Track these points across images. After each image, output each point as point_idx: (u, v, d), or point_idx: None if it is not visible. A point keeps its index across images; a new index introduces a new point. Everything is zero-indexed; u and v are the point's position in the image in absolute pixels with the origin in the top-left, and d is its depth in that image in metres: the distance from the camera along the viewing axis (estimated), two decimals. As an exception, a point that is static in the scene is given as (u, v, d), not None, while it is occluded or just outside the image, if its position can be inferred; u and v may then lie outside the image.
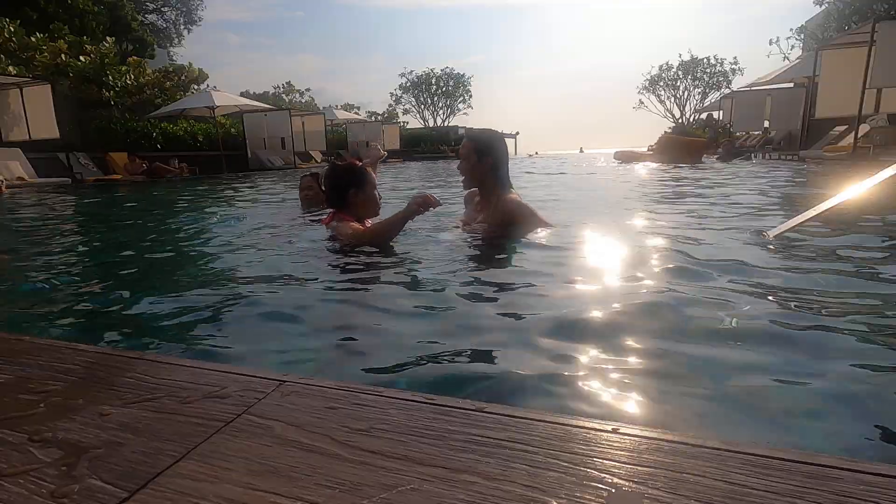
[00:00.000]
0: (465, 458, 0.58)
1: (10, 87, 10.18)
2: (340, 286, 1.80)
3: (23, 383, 0.83)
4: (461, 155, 2.51)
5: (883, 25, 8.07)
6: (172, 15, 34.25)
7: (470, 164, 2.47)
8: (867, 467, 0.53)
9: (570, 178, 8.33)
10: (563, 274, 1.80)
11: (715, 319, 1.31)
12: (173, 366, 0.88)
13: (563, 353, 1.12)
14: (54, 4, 17.59)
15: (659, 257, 2.00)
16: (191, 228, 3.72)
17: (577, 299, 1.56)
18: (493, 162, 2.44)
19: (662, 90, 41.81)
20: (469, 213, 2.68)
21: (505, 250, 2.21)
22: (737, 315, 1.32)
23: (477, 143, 2.47)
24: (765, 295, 1.49)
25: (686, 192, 4.79)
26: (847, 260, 1.98)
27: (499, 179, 2.47)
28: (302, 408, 0.71)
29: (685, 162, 10.02)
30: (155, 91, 14.21)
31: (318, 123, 18.01)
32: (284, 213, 3.92)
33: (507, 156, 2.54)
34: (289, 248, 2.56)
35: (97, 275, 2.24)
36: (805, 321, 1.30)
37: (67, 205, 6.26)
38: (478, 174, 2.47)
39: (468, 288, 1.69)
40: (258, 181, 9.58)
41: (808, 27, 26.17)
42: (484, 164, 2.44)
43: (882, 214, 2.78)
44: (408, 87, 45.62)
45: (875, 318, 1.33)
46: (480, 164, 2.44)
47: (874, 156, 7.99)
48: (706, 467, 0.54)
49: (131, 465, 0.59)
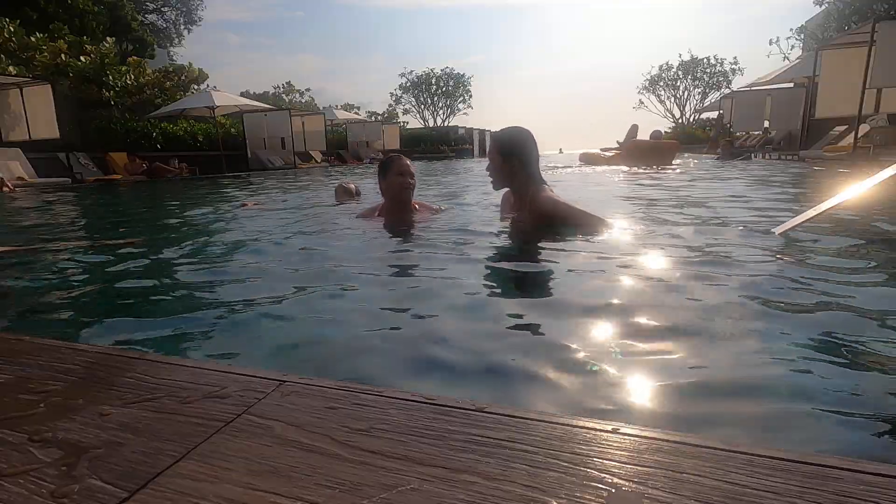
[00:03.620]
0: (465, 458, 0.58)
1: (10, 87, 10.19)
2: (341, 286, 1.80)
3: (23, 383, 0.83)
4: (488, 156, 2.51)
5: (883, 25, 8.07)
6: (172, 15, 34.28)
7: (496, 164, 2.44)
8: (867, 467, 0.53)
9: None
10: (570, 273, 1.80)
11: (718, 319, 1.31)
12: (173, 366, 0.88)
13: (563, 353, 1.12)
14: (54, 4, 17.59)
15: (663, 256, 2.00)
16: (190, 228, 3.72)
17: (579, 299, 1.56)
18: (519, 160, 2.40)
19: (662, 90, 41.91)
20: (506, 215, 2.66)
21: (529, 250, 2.21)
22: (739, 313, 1.32)
23: (500, 143, 2.44)
24: (769, 292, 1.49)
25: (687, 192, 4.78)
26: (852, 258, 1.98)
27: (529, 177, 2.42)
28: (302, 408, 0.71)
29: (655, 164, 9.39)
30: (155, 91, 14.21)
31: (318, 123, 18.01)
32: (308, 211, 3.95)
33: (536, 152, 2.47)
34: (289, 247, 2.56)
35: (97, 275, 2.24)
36: (808, 319, 1.30)
37: (67, 205, 6.26)
38: (505, 174, 2.44)
39: (471, 288, 1.69)
40: (258, 181, 9.58)
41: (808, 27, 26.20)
42: (510, 164, 2.41)
43: (883, 213, 2.78)
44: (408, 87, 45.69)
45: (878, 316, 1.33)
46: (507, 163, 2.41)
47: (874, 156, 7.99)
48: (706, 467, 0.54)
49: (131, 465, 0.59)
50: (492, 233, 2.58)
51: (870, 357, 1.09)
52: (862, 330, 1.23)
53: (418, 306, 1.53)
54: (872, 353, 1.11)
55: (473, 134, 31.03)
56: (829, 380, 1.00)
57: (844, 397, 0.94)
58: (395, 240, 2.63)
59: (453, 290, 1.66)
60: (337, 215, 3.65)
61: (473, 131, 31.31)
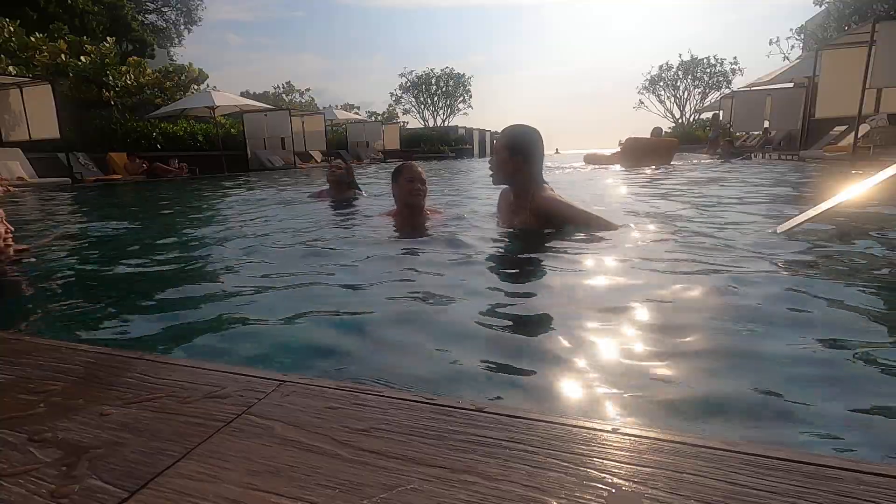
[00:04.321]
0: (465, 458, 0.58)
1: (10, 87, 10.17)
2: (341, 286, 1.80)
3: (23, 383, 0.83)
4: (494, 150, 2.53)
5: (883, 25, 8.07)
6: (172, 15, 34.30)
7: (501, 159, 2.45)
8: (867, 467, 0.53)
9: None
10: (571, 274, 1.80)
11: (719, 319, 1.31)
12: (173, 366, 0.88)
13: (564, 354, 1.12)
14: (54, 4, 17.59)
15: (663, 255, 2.00)
16: (190, 228, 3.72)
17: (580, 299, 1.56)
18: (524, 158, 2.41)
19: (662, 90, 41.92)
20: (505, 216, 2.66)
21: (529, 251, 2.21)
22: (739, 313, 1.32)
23: (508, 139, 2.46)
24: (770, 292, 1.49)
25: (687, 192, 4.78)
26: (852, 257, 1.98)
27: (531, 176, 2.44)
28: (302, 408, 0.71)
29: (654, 164, 9.35)
30: (155, 91, 14.20)
31: (318, 123, 18.00)
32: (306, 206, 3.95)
33: (542, 152, 2.49)
34: (290, 247, 2.56)
35: (97, 274, 2.24)
36: (808, 319, 1.30)
37: (67, 205, 6.26)
38: (509, 169, 2.45)
39: (473, 288, 1.69)
40: (259, 181, 9.58)
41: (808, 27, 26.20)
42: (515, 160, 2.42)
43: (884, 213, 2.78)
44: (408, 87, 45.72)
45: (879, 315, 1.33)
46: (512, 159, 2.42)
47: (874, 156, 7.99)
48: (706, 467, 0.54)
49: (131, 465, 0.59)
50: (495, 235, 2.58)
51: (870, 357, 1.09)
52: (862, 329, 1.23)
53: (419, 307, 1.53)
54: (873, 352, 1.11)
55: (473, 134, 31.04)
56: (830, 380, 1.00)
57: (845, 397, 0.94)
58: (402, 243, 2.64)
59: (454, 290, 1.66)
60: (343, 217, 3.66)
61: (473, 131, 31.32)
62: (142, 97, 13.72)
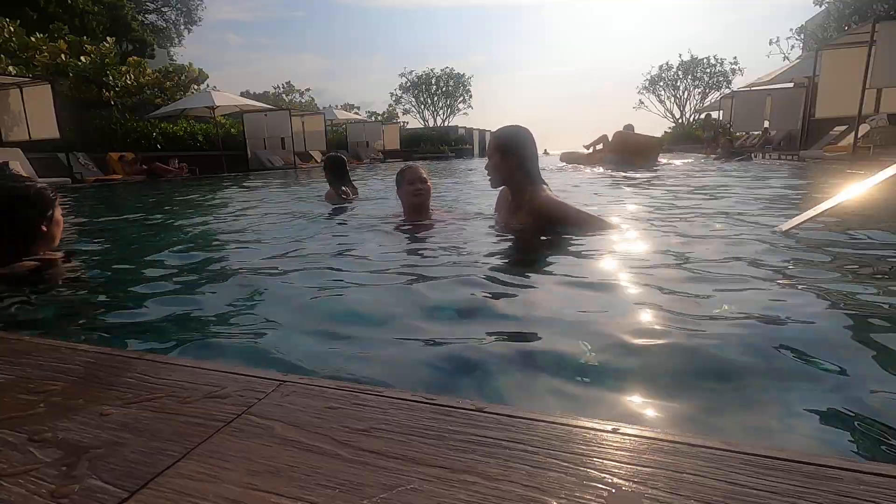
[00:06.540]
0: (465, 458, 0.58)
1: (10, 87, 10.16)
2: (342, 286, 1.80)
3: (23, 383, 0.83)
4: (487, 154, 2.55)
5: (883, 25, 8.07)
6: (172, 15, 34.31)
7: (494, 162, 2.47)
8: (867, 467, 0.53)
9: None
10: (572, 274, 1.79)
11: (719, 318, 1.31)
12: (173, 366, 0.88)
13: (564, 353, 1.12)
14: (54, 4, 17.60)
15: (664, 255, 2.00)
16: (190, 228, 3.72)
17: (579, 299, 1.56)
18: (517, 158, 2.42)
19: (662, 90, 41.90)
20: (503, 216, 2.67)
21: (528, 250, 2.21)
22: (740, 313, 1.32)
23: (499, 141, 2.47)
24: (771, 291, 1.49)
25: (687, 192, 4.78)
26: (853, 256, 1.98)
27: (527, 175, 2.44)
28: (302, 408, 0.71)
29: (637, 164, 8.76)
30: (155, 91, 14.20)
31: (318, 123, 18.00)
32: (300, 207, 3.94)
33: (535, 150, 2.50)
34: (290, 247, 2.56)
35: (97, 274, 2.23)
36: (811, 317, 1.30)
37: (67, 204, 6.26)
38: (503, 171, 2.46)
39: (474, 288, 1.68)
40: (259, 181, 9.58)
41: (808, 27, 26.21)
42: (508, 161, 2.43)
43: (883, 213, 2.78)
44: (408, 87, 45.71)
45: (881, 314, 1.33)
46: (505, 161, 2.43)
47: (874, 156, 7.99)
48: (706, 467, 0.54)
49: (131, 465, 0.59)
50: (495, 236, 2.58)
51: (871, 357, 1.09)
52: (864, 329, 1.23)
53: (419, 307, 1.53)
54: (873, 352, 1.11)
55: (473, 134, 31.05)
56: (830, 380, 1.00)
57: (845, 397, 0.93)
58: (405, 243, 2.64)
59: (455, 291, 1.66)
60: (346, 218, 3.66)
61: (473, 131, 31.32)
62: (142, 97, 13.72)
